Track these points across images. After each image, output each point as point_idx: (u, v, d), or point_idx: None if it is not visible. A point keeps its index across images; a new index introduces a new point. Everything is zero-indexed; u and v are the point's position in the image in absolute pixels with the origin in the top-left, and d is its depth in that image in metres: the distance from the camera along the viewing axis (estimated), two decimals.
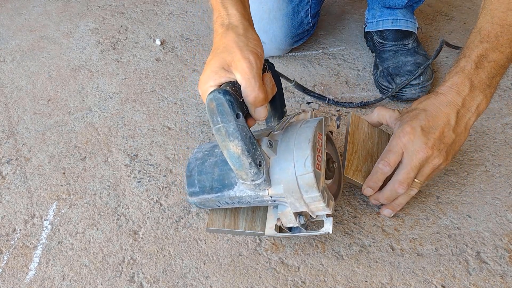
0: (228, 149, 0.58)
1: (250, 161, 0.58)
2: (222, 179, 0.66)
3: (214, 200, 0.68)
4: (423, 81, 0.93)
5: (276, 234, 0.67)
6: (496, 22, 0.67)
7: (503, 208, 0.74)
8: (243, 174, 0.60)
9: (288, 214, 0.63)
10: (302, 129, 0.63)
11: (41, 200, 0.81)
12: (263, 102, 0.60)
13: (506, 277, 0.65)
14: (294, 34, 1.06)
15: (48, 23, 1.31)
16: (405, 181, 0.67)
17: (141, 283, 0.68)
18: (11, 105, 1.03)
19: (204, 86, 0.60)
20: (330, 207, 0.62)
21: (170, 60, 1.14)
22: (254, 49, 0.60)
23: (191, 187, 0.70)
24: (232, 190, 0.65)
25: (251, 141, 0.58)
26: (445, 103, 0.67)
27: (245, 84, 0.58)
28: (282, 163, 0.61)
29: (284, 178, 0.60)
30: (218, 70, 0.59)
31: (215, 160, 0.68)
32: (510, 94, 0.96)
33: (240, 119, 0.57)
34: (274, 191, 0.61)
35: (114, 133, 0.94)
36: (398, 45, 1.02)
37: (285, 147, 0.62)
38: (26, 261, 0.71)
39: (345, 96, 0.99)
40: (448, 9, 1.26)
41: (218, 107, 0.56)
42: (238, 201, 0.66)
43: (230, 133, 0.57)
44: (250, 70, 0.58)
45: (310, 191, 0.59)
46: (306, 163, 0.59)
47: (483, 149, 0.84)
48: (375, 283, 0.65)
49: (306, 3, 1.06)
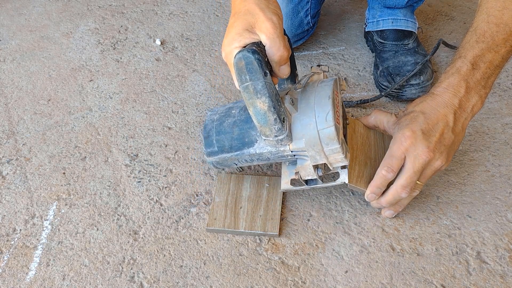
0: (255, 106, 0.61)
1: (276, 117, 0.61)
2: (242, 137, 0.69)
3: (233, 159, 0.71)
4: (423, 81, 0.93)
5: (292, 188, 0.70)
6: (492, 21, 0.67)
7: (503, 208, 0.74)
8: (267, 130, 0.63)
9: (307, 167, 0.66)
10: (320, 88, 0.67)
11: (41, 200, 0.81)
12: (286, 60, 0.63)
13: (506, 277, 0.65)
14: (293, 34, 1.06)
15: (48, 23, 1.31)
16: (408, 185, 0.66)
17: (141, 283, 0.68)
18: (11, 105, 1.03)
19: (228, 48, 0.62)
20: (347, 159, 0.66)
21: (170, 60, 1.14)
22: (275, 10, 0.63)
23: (209, 147, 0.73)
24: (252, 147, 0.68)
25: (277, 98, 0.62)
26: (442, 105, 0.67)
27: (270, 43, 0.61)
28: (304, 119, 0.64)
29: (306, 133, 0.64)
30: (243, 32, 0.61)
31: (234, 120, 0.71)
32: (510, 94, 0.96)
33: (268, 77, 0.60)
34: (295, 145, 0.65)
35: (114, 133, 0.94)
36: (398, 45, 1.02)
37: (306, 104, 0.65)
38: (26, 261, 0.71)
39: (345, 96, 0.99)
40: (448, 9, 1.26)
41: (247, 65, 0.58)
42: (257, 158, 0.70)
43: (258, 90, 0.60)
44: (274, 30, 0.61)
45: (330, 144, 0.63)
46: (327, 117, 0.63)
47: (483, 149, 0.84)
48: (375, 283, 0.65)
49: (305, 3, 1.06)
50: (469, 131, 0.88)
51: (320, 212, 0.76)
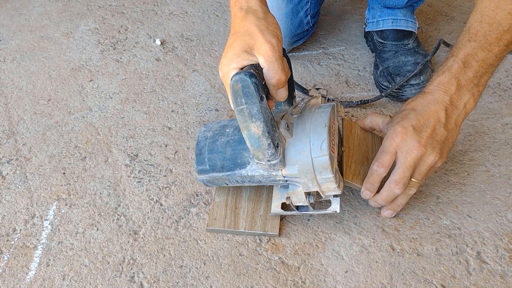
0: (249, 129, 0.60)
1: (270, 142, 0.60)
2: (234, 158, 0.68)
3: (224, 179, 0.71)
4: (423, 81, 0.93)
5: (282, 212, 0.70)
6: (485, 21, 0.67)
7: (503, 208, 0.74)
8: (260, 154, 0.62)
9: (299, 193, 0.66)
10: (317, 114, 0.66)
11: (41, 200, 0.81)
12: (284, 84, 0.62)
13: (506, 277, 0.65)
14: (293, 34, 1.06)
15: (48, 23, 1.31)
16: (401, 180, 0.66)
17: (141, 283, 0.68)
18: (11, 105, 1.03)
19: (226, 68, 0.61)
20: (340, 188, 0.65)
21: (170, 60, 1.14)
22: (275, 32, 0.62)
23: (201, 165, 0.72)
24: (244, 169, 0.68)
25: (272, 123, 0.61)
26: (433, 101, 0.67)
27: (268, 66, 0.60)
28: (298, 145, 0.64)
29: (299, 159, 0.63)
30: (241, 53, 0.60)
31: (227, 140, 0.70)
32: (510, 94, 0.96)
33: (264, 102, 0.59)
34: (288, 171, 0.64)
35: (114, 133, 0.94)
36: (398, 45, 1.02)
37: (301, 130, 0.65)
38: (26, 261, 0.71)
39: (345, 96, 0.99)
40: (448, 9, 1.26)
41: (243, 88, 0.57)
42: (249, 180, 0.69)
43: (253, 114, 0.59)
44: (273, 53, 0.60)
45: (324, 172, 0.62)
46: (322, 146, 0.62)
47: (483, 149, 0.84)
48: (375, 283, 0.65)
49: (305, 3, 1.06)
50: (469, 131, 0.88)
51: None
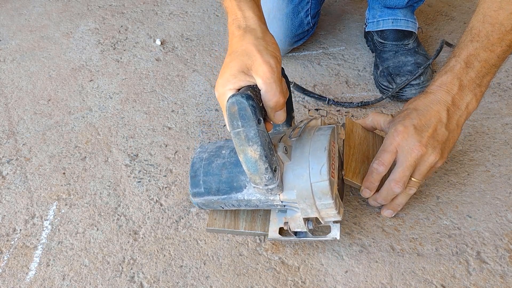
0: (245, 153, 0.58)
1: (267, 166, 0.58)
2: (230, 181, 0.66)
3: (220, 202, 0.68)
4: (423, 81, 0.93)
5: (280, 238, 0.68)
6: (487, 21, 0.67)
7: (503, 208, 0.74)
8: (257, 179, 0.60)
9: (297, 219, 0.64)
10: (316, 137, 0.64)
11: (41, 200, 0.81)
12: (282, 106, 0.60)
13: (506, 277, 0.65)
14: (294, 35, 1.06)
15: (48, 23, 1.31)
16: (401, 179, 0.66)
17: (141, 283, 0.68)
18: (11, 105, 1.03)
19: (222, 89, 0.59)
20: (340, 214, 0.63)
21: (170, 60, 1.14)
22: (274, 53, 0.60)
23: (196, 187, 0.69)
24: (240, 193, 0.65)
25: (270, 146, 0.59)
26: (435, 101, 0.67)
27: (266, 88, 0.58)
28: (297, 170, 0.61)
29: (297, 184, 0.61)
30: (238, 74, 0.58)
31: (223, 162, 0.67)
32: (510, 94, 0.96)
33: (261, 125, 0.57)
34: (286, 196, 0.62)
35: (114, 133, 0.94)
36: (398, 45, 1.02)
37: (300, 153, 0.62)
38: (26, 261, 0.71)
39: (345, 96, 0.99)
40: (448, 9, 1.26)
41: (240, 111, 0.55)
42: (245, 204, 0.66)
43: (250, 138, 0.56)
44: (271, 75, 0.57)
45: (323, 198, 0.60)
46: (322, 170, 0.60)
47: (483, 149, 0.84)
48: (375, 283, 0.65)
49: (306, 3, 1.06)
50: (469, 131, 0.88)
51: None
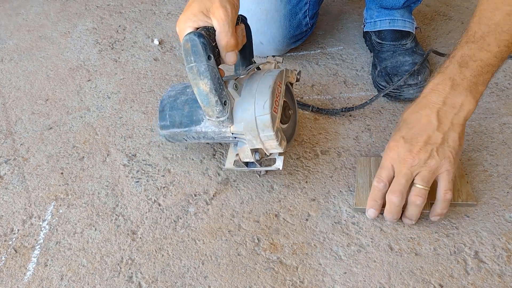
0: (198, 86, 0.66)
1: (217, 99, 0.66)
2: (190, 115, 0.75)
3: (182, 134, 0.78)
4: (421, 81, 0.93)
5: (233, 168, 0.76)
6: (483, 22, 0.67)
7: (501, 208, 0.74)
8: (209, 111, 0.68)
9: (245, 150, 0.72)
10: (265, 77, 0.72)
11: (39, 200, 0.81)
12: (233, 47, 0.67)
13: (504, 276, 0.65)
14: (292, 36, 1.06)
15: (46, 23, 1.31)
16: (397, 188, 0.67)
17: (140, 283, 0.67)
18: (9, 105, 1.03)
19: (182, 25, 0.67)
20: (282, 146, 0.71)
21: (168, 60, 1.14)
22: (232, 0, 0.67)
23: (163, 121, 0.78)
24: (199, 125, 0.74)
25: (219, 81, 0.66)
26: (424, 106, 0.68)
27: (219, 29, 0.66)
28: (245, 104, 0.69)
29: (245, 117, 0.69)
30: (197, 13, 0.66)
31: (186, 98, 0.76)
32: (508, 94, 0.96)
33: (211, 61, 0.64)
34: (235, 128, 0.70)
35: (112, 133, 0.94)
36: (396, 45, 1.02)
37: (248, 91, 0.70)
38: (24, 261, 0.71)
39: (343, 96, 0.99)
40: (446, 9, 1.26)
41: (192, 47, 0.63)
42: (203, 136, 0.75)
43: (201, 72, 0.64)
44: (225, 17, 0.65)
45: (266, 130, 0.68)
46: (265, 105, 0.68)
47: (481, 148, 0.85)
48: (373, 283, 0.65)
49: (304, 4, 1.05)
50: (467, 131, 0.88)
51: (319, 212, 0.76)
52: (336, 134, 0.90)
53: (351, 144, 0.87)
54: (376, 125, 0.91)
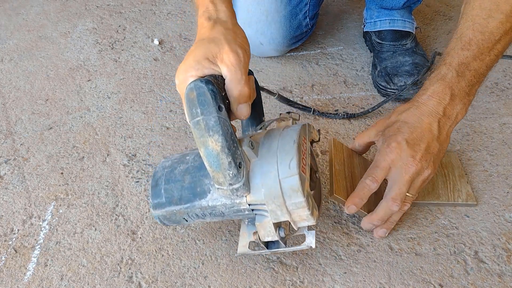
0: (206, 145, 0.52)
1: (230, 160, 0.52)
2: (193, 186, 0.60)
3: (182, 213, 0.62)
4: (421, 81, 0.93)
5: (250, 252, 0.61)
6: (477, 29, 0.66)
7: (501, 208, 0.74)
8: (220, 176, 0.54)
9: (267, 225, 0.57)
10: (286, 132, 0.59)
11: (39, 200, 0.81)
12: (247, 98, 0.56)
13: (504, 276, 0.65)
14: (292, 36, 1.06)
15: (46, 23, 1.31)
16: (398, 196, 0.65)
17: (140, 283, 0.68)
18: (9, 105, 1.03)
19: (183, 75, 0.55)
20: (314, 217, 0.56)
21: (168, 60, 1.14)
22: (242, 44, 0.57)
23: (156, 198, 0.63)
24: (204, 199, 0.59)
25: (232, 137, 0.53)
26: (427, 113, 0.66)
27: (230, 77, 0.55)
28: (265, 166, 0.55)
29: (265, 182, 0.55)
30: (202, 60, 0.55)
31: (186, 167, 0.62)
32: (508, 94, 0.96)
33: (222, 112, 0.51)
34: (253, 197, 0.56)
35: (112, 133, 0.94)
36: (396, 45, 1.02)
37: (268, 149, 0.57)
38: (24, 261, 0.71)
39: (343, 96, 0.99)
40: (446, 9, 1.26)
41: (199, 97, 0.51)
42: (210, 212, 0.60)
43: (211, 126, 0.51)
44: (237, 63, 0.55)
45: (294, 196, 0.54)
46: (291, 164, 0.54)
47: (481, 148, 0.85)
48: (373, 283, 0.65)
49: (304, 5, 1.05)
50: (467, 131, 0.88)
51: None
52: (336, 134, 0.90)
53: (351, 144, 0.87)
54: None
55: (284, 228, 0.59)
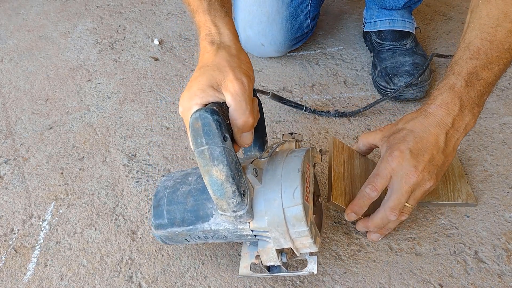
0: (210, 174, 0.53)
1: (234, 189, 0.53)
2: (196, 209, 0.60)
3: (185, 234, 0.62)
4: (421, 81, 0.93)
5: (252, 275, 0.61)
6: (485, 38, 0.64)
7: (501, 208, 0.74)
8: (223, 204, 0.54)
9: (269, 251, 0.58)
10: (290, 158, 0.59)
11: (39, 200, 0.81)
12: (251, 127, 0.56)
13: (504, 276, 0.65)
14: (293, 37, 1.06)
15: (46, 23, 1.31)
16: (397, 207, 0.64)
17: (140, 283, 0.68)
18: (9, 105, 1.03)
19: (187, 103, 0.55)
20: (317, 244, 0.58)
21: (168, 60, 1.14)
22: (247, 71, 0.57)
23: (158, 218, 0.63)
24: (207, 222, 0.60)
25: (237, 167, 0.53)
26: (434, 124, 0.64)
27: (235, 106, 0.54)
28: (268, 194, 0.56)
29: (269, 210, 0.56)
30: (206, 88, 0.55)
31: (189, 189, 0.62)
32: (508, 94, 0.97)
33: (227, 142, 0.52)
34: (256, 224, 0.56)
35: (112, 133, 0.94)
36: (396, 45, 1.02)
37: (271, 176, 0.57)
38: (24, 261, 0.71)
39: (343, 96, 0.99)
40: (446, 9, 1.26)
41: (204, 127, 0.51)
42: (213, 235, 0.61)
43: (215, 156, 0.51)
44: (242, 92, 0.54)
45: (297, 225, 0.55)
46: (295, 194, 0.55)
47: (481, 148, 0.85)
48: (373, 283, 0.65)
49: (305, 6, 1.05)
50: None
51: None
52: (336, 134, 0.90)
53: (351, 144, 0.87)
54: (376, 125, 0.91)
55: (286, 253, 0.60)
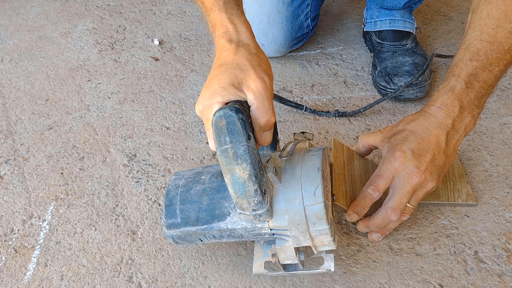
0: (233, 173, 0.52)
1: (256, 187, 0.53)
2: (212, 208, 0.60)
3: (199, 234, 0.62)
4: (421, 81, 0.93)
5: (267, 273, 0.61)
6: (485, 39, 0.65)
7: (501, 208, 0.74)
8: (244, 203, 0.54)
9: (288, 249, 0.58)
10: (308, 157, 0.59)
11: (39, 200, 0.81)
12: (271, 126, 0.57)
13: (504, 276, 0.65)
14: (293, 37, 1.06)
15: (46, 23, 1.31)
16: (398, 207, 0.64)
17: (140, 283, 0.68)
18: (9, 105, 1.03)
19: (208, 101, 0.55)
20: (335, 242, 0.58)
21: (168, 60, 1.14)
22: (267, 70, 0.57)
23: (171, 218, 0.62)
24: (223, 221, 0.59)
25: (260, 165, 0.53)
26: (435, 125, 0.64)
27: (257, 105, 0.54)
28: (288, 192, 0.56)
29: (289, 209, 0.56)
30: (228, 87, 0.54)
31: (203, 188, 0.62)
32: (508, 94, 0.96)
33: (251, 141, 0.52)
34: (276, 222, 0.56)
35: (112, 133, 0.94)
36: (396, 45, 1.02)
37: (291, 175, 0.58)
38: (24, 261, 0.71)
39: (343, 96, 0.99)
40: (446, 9, 1.26)
41: (228, 125, 0.51)
42: (228, 234, 0.60)
43: (239, 155, 0.51)
44: (264, 91, 0.54)
45: (318, 223, 0.55)
46: (316, 192, 0.55)
47: (481, 148, 0.85)
48: (373, 283, 0.65)
49: (306, 6, 1.05)
50: None
51: None
52: (336, 134, 0.90)
53: (351, 144, 0.87)
54: (376, 125, 0.91)
55: (304, 252, 0.60)
